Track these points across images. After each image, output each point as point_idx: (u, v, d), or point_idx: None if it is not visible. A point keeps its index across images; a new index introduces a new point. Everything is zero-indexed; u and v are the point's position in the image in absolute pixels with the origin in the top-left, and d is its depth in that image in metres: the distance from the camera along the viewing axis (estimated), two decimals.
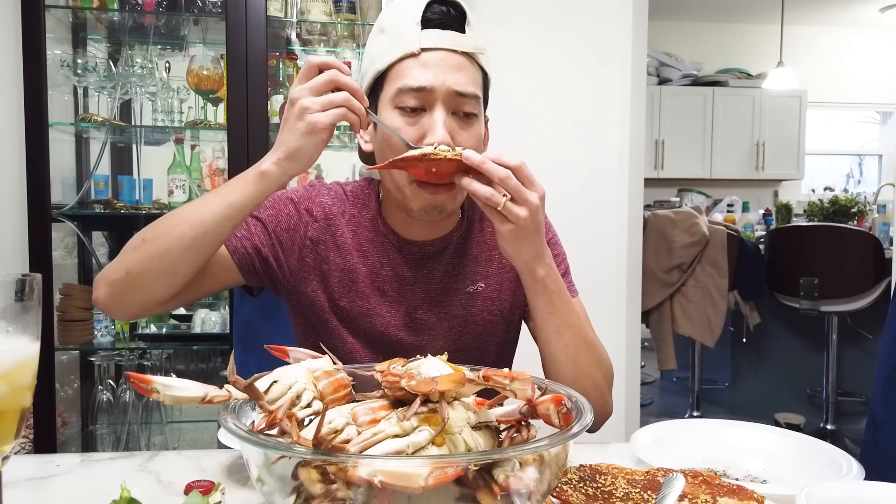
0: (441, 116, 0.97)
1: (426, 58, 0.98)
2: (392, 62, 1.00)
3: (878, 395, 1.18)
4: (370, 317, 1.08)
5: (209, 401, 0.64)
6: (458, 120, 1.00)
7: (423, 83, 0.97)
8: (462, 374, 0.62)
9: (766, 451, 0.94)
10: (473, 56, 1.01)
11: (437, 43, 0.98)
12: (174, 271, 0.94)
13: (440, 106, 0.98)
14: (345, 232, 1.10)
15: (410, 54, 0.98)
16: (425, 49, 0.98)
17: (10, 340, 0.60)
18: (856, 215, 4.39)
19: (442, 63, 0.98)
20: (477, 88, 1.01)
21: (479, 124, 1.03)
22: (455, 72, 0.98)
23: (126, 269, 0.95)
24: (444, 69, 0.98)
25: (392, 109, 1.00)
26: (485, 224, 1.15)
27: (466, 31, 1.01)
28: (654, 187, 5.70)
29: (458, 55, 0.99)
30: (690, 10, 6.19)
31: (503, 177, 0.86)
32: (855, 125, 7.10)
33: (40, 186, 2.07)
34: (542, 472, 0.60)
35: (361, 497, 0.56)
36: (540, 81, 2.53)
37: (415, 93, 0.97)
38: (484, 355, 1.14)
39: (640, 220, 2.67)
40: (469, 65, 1.00)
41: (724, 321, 3.46)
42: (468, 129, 1.01)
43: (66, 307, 2.18)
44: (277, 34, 2.35)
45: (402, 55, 0.98)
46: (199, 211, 0.94)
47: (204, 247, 0.94)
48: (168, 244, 0.93)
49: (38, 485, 0.86)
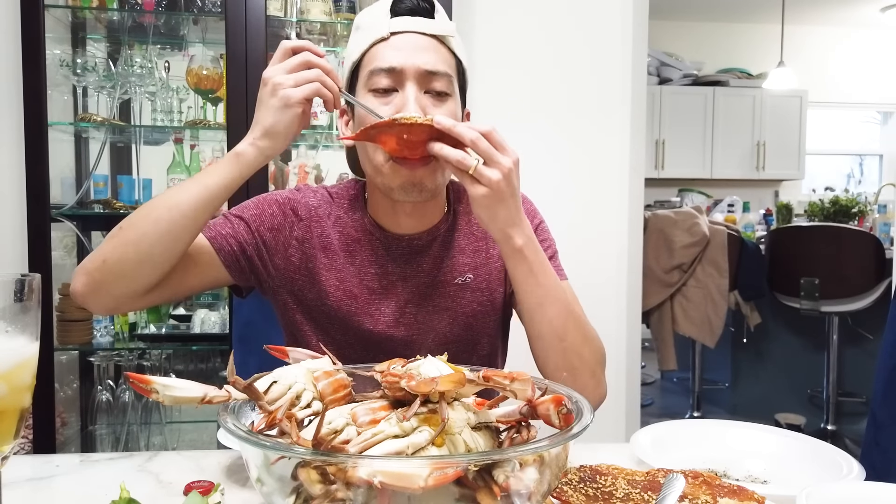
0: (412, 93, 0.99)
1: (396, 41, 1.01)
2: (364, 50, 1.03)
3: (879, 395, 1.18)
4: (359, 316, 1.08)
5: (209, 401, 0.63)
6: (430, 98, 1.02)
7: (393, 63, 1.00)
8: (462, 374, 0.61)
9: (766, 452, 0.94)
10: (443, 39, 1.04)
11: (405, 27, 1.02)
12: (151, 259, 0.93)
13: (411, 84, 1.00)
14: (331, 233, 1.11)
15: (381, 39, 1.02)
16: (395, 33, 1.01)
17: (10, 340, 0.60)
18: (856, 215, 4.39)
19: (411, 45, 1.01)
20: (448, 68, 1.03)
21: (452, 103, 1.04)
22: (424, 52, 1.01)
23: (103, 258, 0.94)
24: (414, 50, 1.01)
25: (366, 94, 1.02)
26: (472, 216, 1.15)
27: (436, 17, 1.04)
28: (654, 187, 5.70)
29: (428, 37, 1.02)
30: (691, 10, 6.19)
31: (473, 139, 0.87)
32: (855, 125, 7.10)
33: (39, 186, 2.06)
34: (542, 473, 0.60)
35: (361, 498, 0.55)
36: (540, 81, 2.53)
37: (385, 73, 1.00)
38: (477, 348, 1.14)
39: (641, 220, 2.67)
40: (439, 46, 1.03)
41: (724, 321, 3.46)
42: (441, 105, 1.02)
43: (66, 307, 2.18)
44: (277, 34, 2.35)
45: (373, 41, 1.02)
46: (175, 196, 0.94)
47: (180, 232, 0.93)
48: (143, 230, 0.92)
49: (38, 485, 0.85)
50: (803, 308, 3.40)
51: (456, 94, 1.06)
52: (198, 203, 0.93)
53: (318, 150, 2.44)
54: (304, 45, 0.95)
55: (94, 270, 0.94)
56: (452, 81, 1.04)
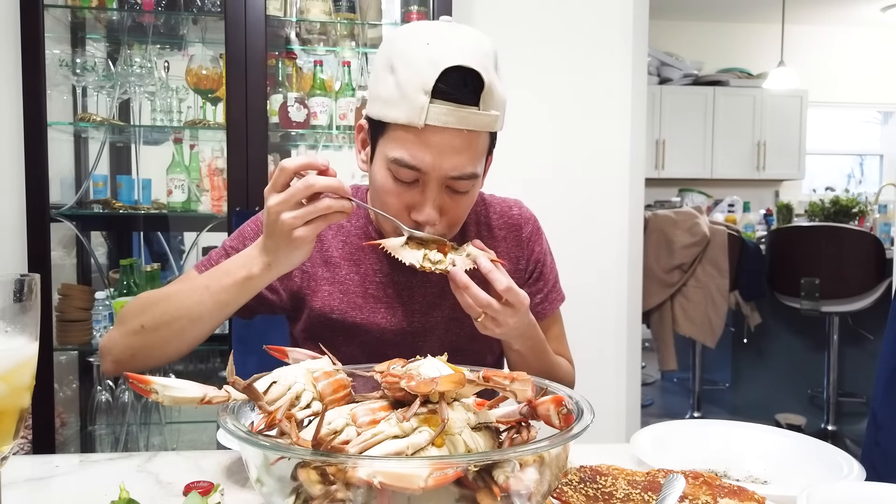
0: (432, 196, 0.94)
1: (429, 136, 0.91)
2: (393, 121, 0.93)
3: (880, 395, 1.18)
4: (364, 326, 1.08)
5: (208, 401, 0.63)
6: (450, 194, 0.97)
7: (419, 164, 0.92)
8: (462, 374, 0.61)
9: (766, 452, 0.94)
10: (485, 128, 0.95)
11: (443, 121, 0.90)
12: (178, 352, 1.01)
13: (433, 186, 0.94)
14: (332, 244, 1.10)
15: (413, 126, 0.90)
16: (430, 125, 0.90)
17: (9, 341, 0.60)
18: (857, 215, 4.39)
19: (444, 144, 0.91)
20: (478, 166, 0.96)
21: (473, 191, 1.00)
22: (456, 154, 0.92)
23: (131, 351, 1.00)
24: (445, 151, 0.91)
25: (385, 169, 0.96)
26: (480, 228, 1.16)
27: (481, 105, 0.91)
28: (654, 187, 5.70)
29: (465, 133, 0.91)
30: (691, 10, 6.18)
31: (485, 305, 0.91)
32: (856, 125, 7.09)
33: (39, 186, 2.06)
34: (542, 473, 0.60)
35: (361, 498, 0.55)
36: (540, 81, 2.53)
37: (408, 170, 0.93)
38: (480, 357, 1.14)
39: (641, 220, 2.67)
40: (475, 140, 0.93)
41: (724, 321, 3.46)
42: (459, 201, 0.98)
43: (65, 307, 2.17)
44: (277, 33, 2.35)
45: (404, 122, 0.91)
46: (195, 308, 0.95)
47: (204, 333, 0.99)
48: (168, 337, 0.98)
49: (37, 486, 0.85)
50: (804, 308, 3.40)
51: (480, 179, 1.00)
52: (215, 315, 0.96)
53: (318, 149, 2.44)
54: (305, 164, 0.87)
55: (123, 361, 1.02)
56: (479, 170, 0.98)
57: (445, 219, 0.98)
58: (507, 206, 1.19)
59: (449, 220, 0.99)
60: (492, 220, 1.17)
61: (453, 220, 1.01)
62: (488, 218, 1.17)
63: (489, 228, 1.17)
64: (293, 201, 0.86)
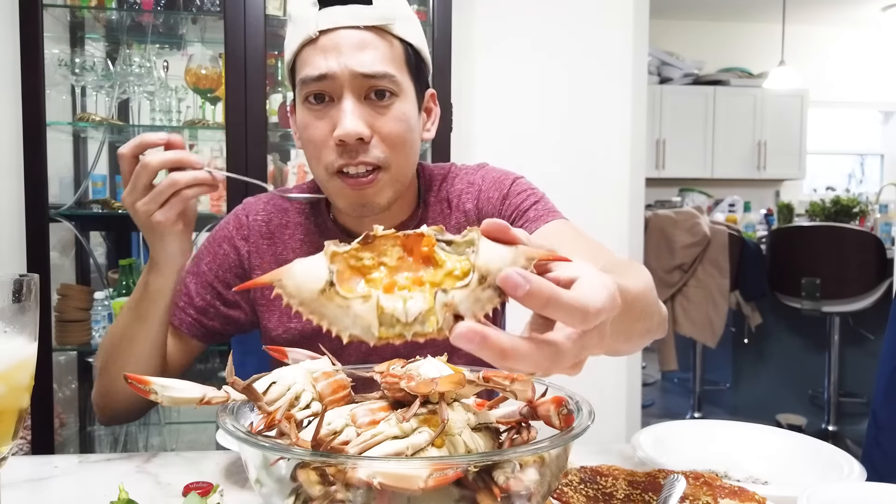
0: (349, 106, 0.88)
1: (325, 41, 0.87)
2: (294, 52, 0.91)
3: (880, 395, 1.18)
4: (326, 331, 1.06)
5: (207, 402, 0.63)
6: (373, 105, 0.90)
7: (323, 70, 0.87)
8: (462, 375, 0.61)
9: (767, 453, 0.94)
10: (384, 28, 0.90)
11: (334, 22, 0.87)
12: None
13: (348, 94, 0.88)
14: (288, 245, 1.04)
15: (308, 40, 0.88)
16: (323, 31, 0.87)
17: (8, 341, 0.60)
18: (858, 215, 4.39)
19: (343, 44, 0.87)
20: (390, 65, 0.89)
21: (402, 104, 0.91)
22: (359, 51, 0.87)
23: (102, 395, 1.01)
24: (346, 51, 0.87)
25: (302, 104, 0.91)
26: (443, 206, 1.05)
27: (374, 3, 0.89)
28: (655, 187, 5.69)
29: (362, 31, 0.88)
30: (692, 9, 6.19)
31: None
32: (857, 125, 7.10)
33: (38, 186, 2.06)
34: (542, 474, 0.60)
35: (361, 499, 0.55)
36: (540, 80, 2.53)
37: (316, 82, 0.88)
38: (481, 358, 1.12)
39: (641, 219, 2.67)
40: (378, 40, 0.89)
41: (725, 322, 3.46)
42: (386, 113, 0.90)
43: (64, 307, 2.17)
44: (276, 33, 2.34)
45: (301, 42, 0.89)
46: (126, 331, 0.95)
47: (145, 355, 0.95)
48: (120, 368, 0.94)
49: (36, 486, 0.85)
50: (804, 308, 3.40)
51: (407, 89, 0.93)
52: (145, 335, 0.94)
53: None
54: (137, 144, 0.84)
55: (104, 407, 1.02)
56: (399, 79, 0.90)
57: (378, 137, 0.90)
58: (471, 171, 1.08)
59: (383, 139, 0.90)
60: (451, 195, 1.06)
61: (388, 139, 0.90)
62: (449, 193, 1.06)
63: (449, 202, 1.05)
64: (139, 188, 0.84)
